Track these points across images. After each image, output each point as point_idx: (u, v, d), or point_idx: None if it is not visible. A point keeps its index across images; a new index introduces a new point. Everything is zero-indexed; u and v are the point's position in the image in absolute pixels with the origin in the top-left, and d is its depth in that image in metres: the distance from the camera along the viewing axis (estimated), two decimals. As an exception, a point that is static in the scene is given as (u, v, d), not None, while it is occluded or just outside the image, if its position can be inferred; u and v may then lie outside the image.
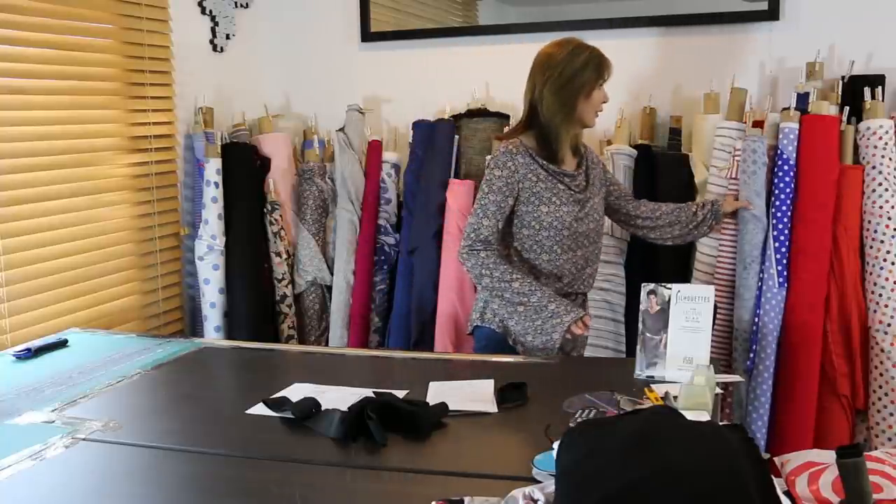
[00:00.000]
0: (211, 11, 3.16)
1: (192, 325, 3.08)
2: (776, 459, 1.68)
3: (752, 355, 2.63)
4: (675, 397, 1.64)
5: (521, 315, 2.17)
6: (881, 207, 2.53)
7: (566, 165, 2.29)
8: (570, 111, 2.23)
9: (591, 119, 2.30)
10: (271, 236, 3.11)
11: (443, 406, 1.66)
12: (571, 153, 2.32)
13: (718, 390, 1.69)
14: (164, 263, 2.96)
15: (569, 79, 2.21)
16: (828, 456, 1.57)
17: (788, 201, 2.60)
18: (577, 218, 2.26)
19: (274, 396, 1.78)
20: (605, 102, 2.30)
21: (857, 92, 2.64)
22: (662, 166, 2.89)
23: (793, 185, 2.59)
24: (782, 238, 2.59)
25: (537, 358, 2.12)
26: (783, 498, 1.11)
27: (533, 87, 2.26)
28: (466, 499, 1.25)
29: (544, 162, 2.24)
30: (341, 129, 3.22)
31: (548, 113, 2.23)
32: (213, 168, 2.92)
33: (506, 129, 2.48)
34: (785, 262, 2.58)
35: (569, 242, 2.26)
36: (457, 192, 2.97)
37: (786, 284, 2.58)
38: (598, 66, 2.25)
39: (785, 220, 2.59)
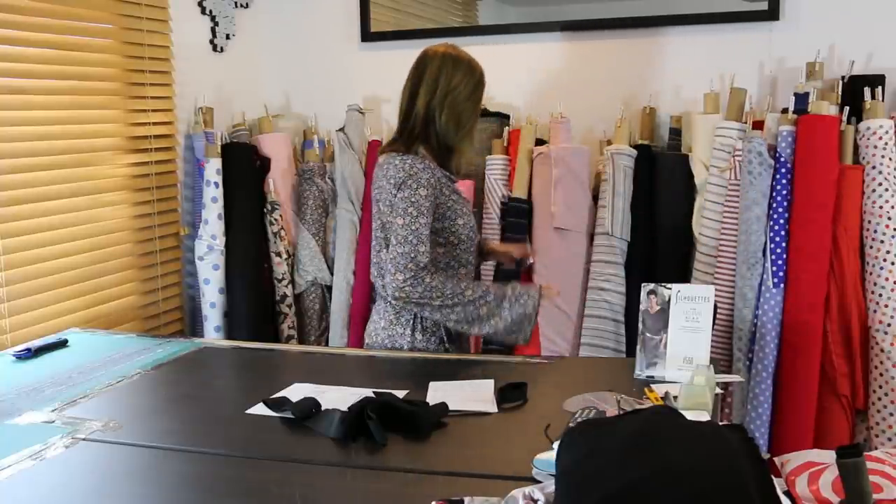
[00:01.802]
0: (211, 11, 3.16)
1: (192, 325, 3.08)
2: (776, 459, 1.68)
3: (750, 355, 2.64)
4: (675, 397, 1.64)
5: (485, 317, 2.08)
6: (881, 207, 2.53)
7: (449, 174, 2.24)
8: (473, 125, 2.19)
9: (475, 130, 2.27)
10: (271, 236, 3.11)
11: (443, 406, 1.66)
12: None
13: (718, 390, 1.69)
14: (164, 263, 2.96)
15: (469, 94, 2.16)
16: (828, 456, 1.58)
17: (786, 203, 2.60)
18: (474, 228, 2.23)
19: (274, 396, 1.77)
20: None
21: (857, 92, 2.64)
22: (662, 166, 2.89)
23: (790, 188, 2.60)
24: (778, 239, 2.59)
25: (537, 358, 2.12)
26: (783, 498, 1.11)
27: (429, 98, 2.13)
28: (466, 499, 1.25)
29: (447, 173, 2.18)
30: (341, 129, 3.21)
31: (449, 127, 2.13)
32: (213, 168, 2.92)
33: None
34: (780, 262, 2.59)
35: (474, 252, 2.23)
36: (457, 192, 2.97)
37: (781, 285, 2.58)
38: (484, 83, 2.22)
39: (782, 221, 2.59)
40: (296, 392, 1.81)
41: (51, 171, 2.50)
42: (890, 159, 2.54)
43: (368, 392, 1.73)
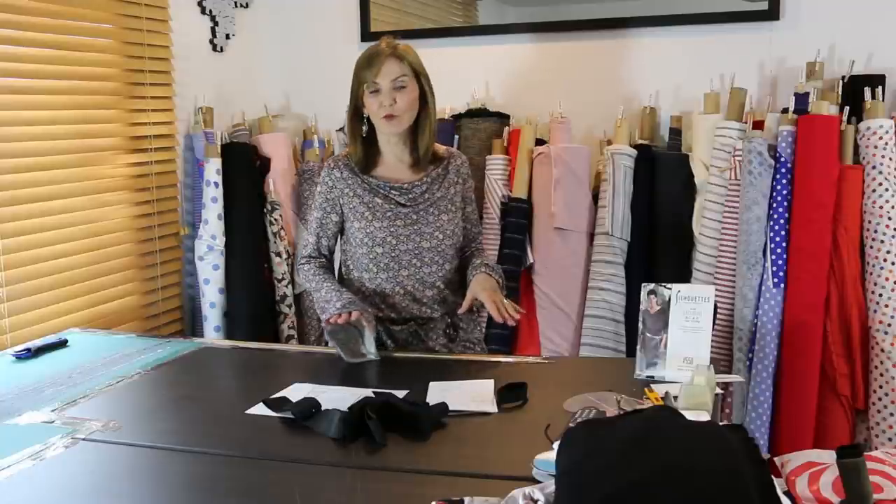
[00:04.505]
0: (211, 11, 3.16)
1: (192, 325, 3.08)
2: (776, 459, 1.68)
3: (750, 355, 2.64)
4: (675, 397, 1.64)
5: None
6: (881, 207, 2.53)
7: (398, 175, 2.15)
8: (357, 121, 2.12)
9: (379, 127, 2.10)
10: (271, 236, 3.11)
11: (443, 406, 1.66)
12: (410, 162, 2.16)
13: (718, 390, 1.69)
14: (164, 263, 2.96)
15: (352, 87, 2.10)
16: (828, 456, 1.58)
17: (786, 203, 2.60)
18: (396, 234, 2.10)
19: (274, 396, 1.77)
20: (384, 111, 2.05)
21: (857, 92, 2.64)
22: (662, 166, 2.89)
23: (790, 188, 2.60)
24: (778, 239, 2.59)
25: (537, 358, 2.12)
26: (783, 498, 1.11)
27: None
28: (466, 499, 1.24)
29: (366, 175, 2.14)
30: (341, 129, 3.22)
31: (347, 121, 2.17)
32: (213, 168, 2.92)
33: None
34: (780, 262, 2.59)
35: (386, 261, 2.12)
36: (457, 192, 2.97)
37: (781, 284, 2.58)
38: (357, 72, 2.08)
39: (782, 221, 2.59)
40: (296, 392, 1.81)
41: (51, 171, 2.50)
42: (890, 159, 2.54)
43: (368, 392, 1.73)
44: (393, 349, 2.18)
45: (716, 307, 1.88)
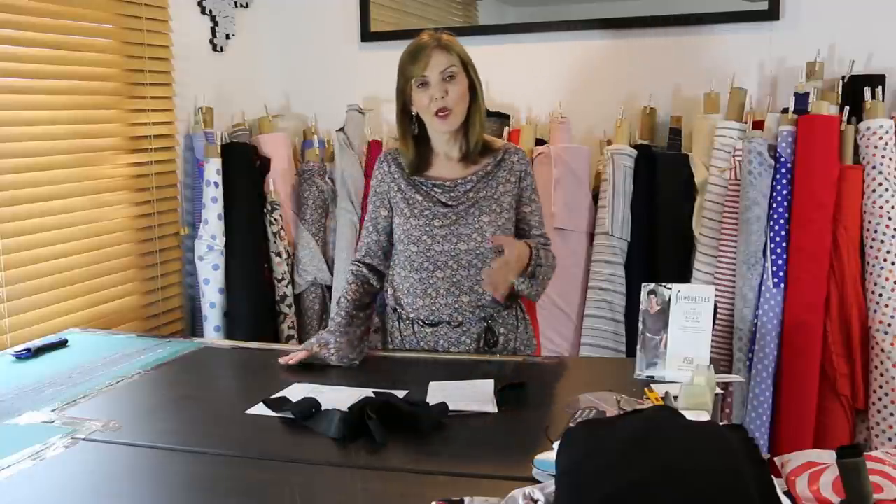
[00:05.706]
0: (211, 11, 3.16)
1: (192, 325, 3.08)
2: (776, 459, 1.68)
3: (750, 355, 2.64)
4: (675, 397, 1.64)
5: None
6: (881, 207, 2.53)
7: (446, 172, 2.08)
8: (405, 118, 2.05)
9: (431, 124, 2.03)
10: (271, 236, 3.11)
11: (443, 406, 1.66)
12: (459, 157, 2.08)
13: (718, 390, 1.69)
14: (164, 263, 2.96)
15: (398, 84, 2.04)
16: (828, 456, 1.57)
17: (786, 203, 2.60)
18: (431, 234, 2.04)
19: (274, 396, 1.78)
20: (436, 105, 1.97)
21: (857, 92, 2.64)
22: (662, 166, 2.89)
23: (790, 188, 2.60)
24: (778, 239, 2.59)
25: (537, 358, 2.12)
26: (783, 498, 1.11)
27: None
28: (466, 499, 1.25)
29: (409, 172, 2.09)
30: (341, 129, 3.21)
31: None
32: (213, 168, 2.92)
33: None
34: (780, 262, 2.59)
35: (420, 260, 2.05)
36: (457, 192, 2.97)
37: (781, 284, 2.58)
38: (401, 69, 2.01)
39: (782, 221, 2.59)
40: (296, 392, 1.81)
41: (51, 171, 2.50)
42: (890, 159, 2.54)
43: (368, 392, 1.73)
44: (420, 351, 2.15)
45: (716, 307, 1.88)
